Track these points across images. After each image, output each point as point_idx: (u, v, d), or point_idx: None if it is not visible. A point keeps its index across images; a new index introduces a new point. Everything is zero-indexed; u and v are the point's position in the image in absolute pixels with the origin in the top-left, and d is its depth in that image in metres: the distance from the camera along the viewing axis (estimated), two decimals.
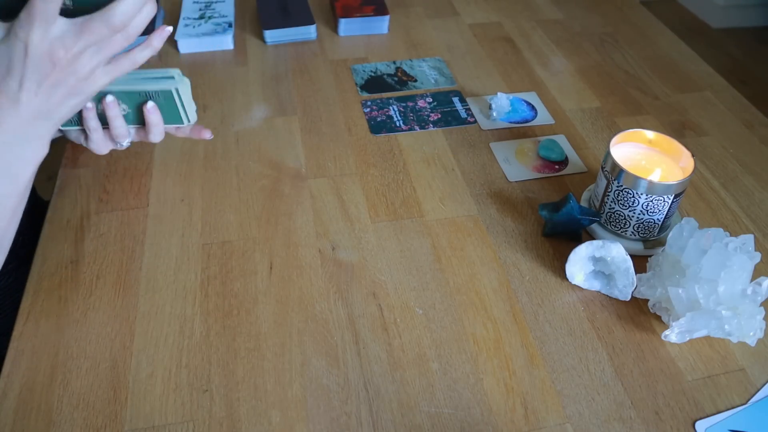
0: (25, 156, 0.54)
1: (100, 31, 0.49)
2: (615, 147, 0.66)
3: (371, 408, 0.53)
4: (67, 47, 0.49)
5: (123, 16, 0.49)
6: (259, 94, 0.88)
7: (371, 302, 0.61)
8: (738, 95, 0.92)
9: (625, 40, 1.05)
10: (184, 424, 0.52)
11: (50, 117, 0.54)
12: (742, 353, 0.58)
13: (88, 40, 0.49)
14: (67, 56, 0.49)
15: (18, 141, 0.53)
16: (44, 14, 0.47)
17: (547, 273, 0.65)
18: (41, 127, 0.54)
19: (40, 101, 0.52)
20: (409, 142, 0.81)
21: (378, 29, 1.03)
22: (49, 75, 0.50)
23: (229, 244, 0.66)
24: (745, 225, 0.71)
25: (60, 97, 0.52)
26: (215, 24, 1.00)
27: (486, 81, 0.93)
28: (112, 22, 0.49)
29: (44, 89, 0.51)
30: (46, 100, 0.52)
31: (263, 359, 0.56)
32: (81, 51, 0.50)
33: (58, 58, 0.49)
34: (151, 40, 0.55)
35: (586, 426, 0.52)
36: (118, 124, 0.62)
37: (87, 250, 0.65)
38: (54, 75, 0.50)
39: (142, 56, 0.55)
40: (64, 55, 0.49)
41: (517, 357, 0.57)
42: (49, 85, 0.51)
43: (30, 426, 0.51)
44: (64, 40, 0.49)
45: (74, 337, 0.57)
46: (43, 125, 0.54)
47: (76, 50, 0.50)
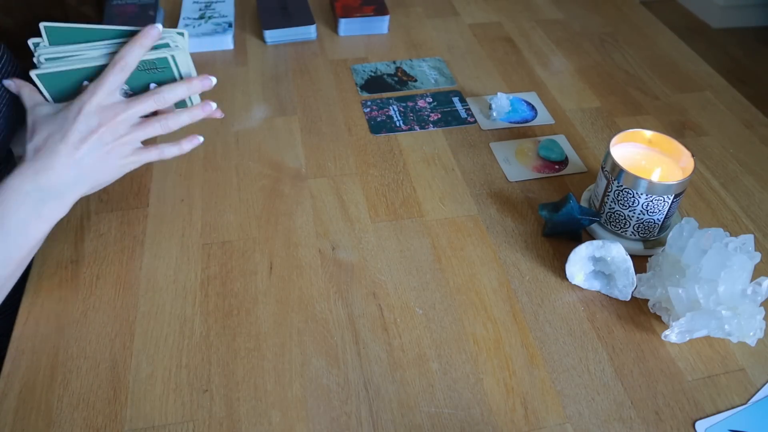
0: (44, 213, 0.54)
1: (148, 104, 0.56)
2: (615, 147, 0.66)
3: (371, 408, 0.53)
4: (117, 111, 0.55)
5: (169, 95, 0.56)
6: (259, 94, 0.88)
7: (371, 302, 0.61)
8: (738, 95, 0.92)
9: (625, 40, 1.05)
10: (184, 424, 0.52)
11: (79, 180, 0.55)
12: (742, 353, 0.58)
13: (135, 109, 0.55)
14: (114, 119, 0.54)
15: (44, 196, 0.54)
16: (109, 86, 0.54)
17: (547, 273, 0.65)
18: (69, 190, 0.55)
19: (79, 156, 0.54)
20: (409, 142, 0.81)
21: (378, 29, 1.03)
22: (94, 131, 0.54)
23: (229, 244, 0.66)
24: (745, 225, 0.71)
25: (96, 159, 0.55)
26: (215, 24, 1.00)
27: (486, 81, 0.93)
28: (160, 96, 0.56)
29: (86, 144, 0.54)
30: (83, 156, 0.54)
31: (263, 359, 0.56)
32: (127, 118, 0.55)
33: (107, 118, 0.54)
34: (182, 142, 0.60)
35: (586, 426, 0.52)
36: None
37: (87, 250, 0.65)
38: (99, 132, 0.54)
39: (169, 152, 0.60)
40: (112, 117, 0.54)
41: (517, 357, 0.57)
42: (92, 142, 0.54)
43: (30, 426, 0.51)
44: (116, 106, 0.55)
45: (74, 337, 0.57)
46: (71, 188, 0.55)
47: (123, 116, 0.55)
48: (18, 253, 0.54)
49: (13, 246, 0.53)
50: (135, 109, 0.55)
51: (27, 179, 0.53)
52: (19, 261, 0.54)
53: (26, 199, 0.53)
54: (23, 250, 0.54)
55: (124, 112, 0.55)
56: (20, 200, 0.52)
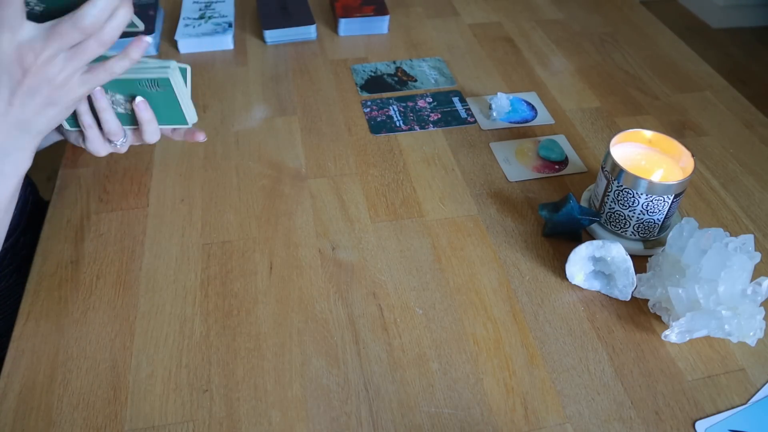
0: (5, 169, 0.52)
1: (71, 35, 0.47)
2: (615, 147, 0.66)
3: (371, 408, 0.53)
4: (36, 52, 0.47)
5: (93, 18, 0.47)
6: (259, 94, 0.88)
7: (371, 302, 0.61)
8: (738, 95, 0.92)
9: (625, 40, 1.05)
10: (184, 424, 0.52)
11: (28, 129, 0.52)
12: (742, 353, 0.58)
13: (59, 45, 0.47)
14: (37, 61, 0.47)
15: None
16: (8, 19, 0.46)
17: (547, 273, 0.65)
18: (20, 139, 0.52)
19: (16, 111, 0.50)
20: (409, 142, 0.81)
21: (378, 29, 1.03)
22: (21, 82, 0.48)
23: (229, 244, 0.66)
24: (745, 225, 0.71)
25: (37, 107, 0.50)
26: (215, 24, 1.00)
27: (486, 81, 0.93)
28: (82, 24, 0.47)
29: (18, 98, 0.49)
30: (21, 110, 0.50)
31: (263, 359, 0.56)
32: (52, 56, 0.48)
33: (29, 63, 0.47)
34: (129, 50, 0.52)
35: (586, 426, 0.52)
36: (107, 117, 0.59)
37: (87, 250, 0.65)
38: (26, 82, 0.48)
39: (119, 66, 0.52)
40: (33, 60, 0.47)
41: (517, 357, 0.57)
42: (23, 93, 0.49)
43: (30, 426, 0.51)
44: (33, 45, 0.47)
45: (74, 337, 0.57)
46: (22, 137, 0.52)
47: (47, 55, 0.47)
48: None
49: None
50: (59, 43, 0.47)
51: None
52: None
53: None
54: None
55: (46, 49, 0.47)
56: None
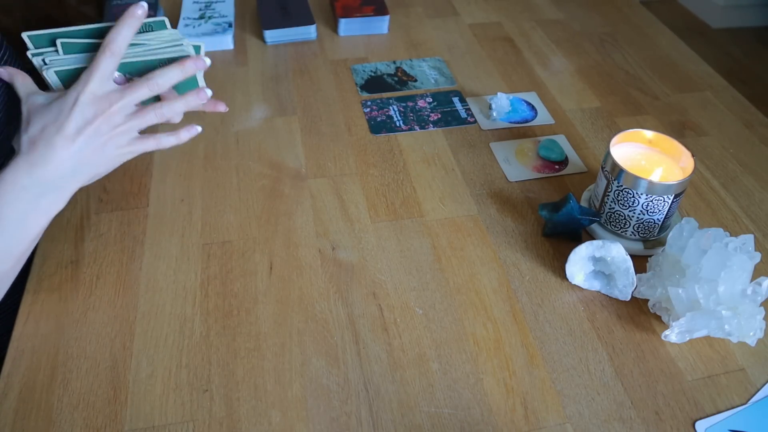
0: (42, 206, 0.54)
1: (142, 91, 0.54)
2: (615, 147, 0.66)
3: (371, 408, 0.53)
4: (112, 100, 0.53)
5: (162, 80, 0.55)
6: (259, 94, 0.88)
7: (371, 302, 0.61)
8: (738, 95, 0.92)
9: (625, 40, 1.05)
10: (184, 424, 0.52)
11: (76, 173, 0.54)
12: (742, 353, 0.58)
13: (130, 98, 0.54)
14: (110, 108, 0.53)
15: (42, 190, 0.53)
16: (101, 74, 0.53)
17: (547, 273, 0.65)
18: (66, 183, 0.54)
19: (76, 148, 0.53)
20: (409, 142, 0.81)
21: (378, 29, 1.03)
22: (90, 122, 0.53)
23: (229, 244, 0.66)
24: (745, 225, 0.71)
25: (92, 151, 0.54)
26: (215, 24, 1.00)
27: (486, 81, 0.93)
28: (153, 81, 0.54)
29: (83, 136, 0.53)
30: (80, 149, 0.53)
31: (263, 359, 0.56)
32: (122, 108, 0.54)
33: (102, 108, 0.53)
34: (180, 133, 0.59)
35: (586, 426, 0.52)
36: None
37: (87, 250, 0.65)
38: (95, 123, 0.53)
39: (166, 142, 0.58)
40: (108, 106, 0.53)
41: (517, 357, 0.57)
42: (88, 133, 0.53)
43: (30, 426, 0.51)
44: (111, 95, 0.54)
45: (74, 337, 0.57)
46: (68, 181, 0.54)
47: (119, 105, 0.54)
48: (17, 248, 0.54)
49: (12, 241, 0.53)
50: (130, 97, 0.54)
51: (23, 173, 0.52)
52: (18, 256, 0.54)
53: (23, 193, 0.52)
54: (22, 244, 0.54)
55: (120, 101, 0.54)
56: (17, 194, 0.52)
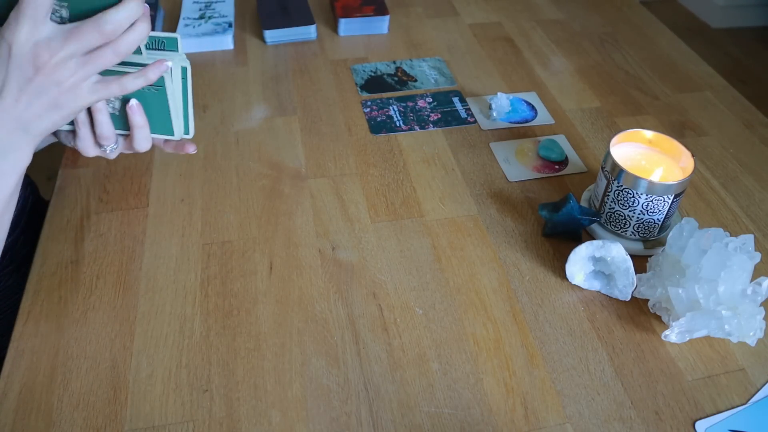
0: (4, 167, 0.51)
1: (90, 37, 0.47)
2: (615, 147, 0.66)
3: (371, 408, 0.53)
4: (53, 50, 0.47)
5: (114, 24, 0.47)
6: (259, 94, 0.88)
7: (371, 302, 0.61)
8: (738, 95, 0.92)
9: (625, 40, 1.05)
10: (184, 424, 0.52)
11: (29, 129, 0.51)
12: (742, 353, 0.58)
13: (76, 46, 0.47)
14: (51, 61, 0.47)
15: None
16: (33, 15, 0.46)
17: (547, 273, 0.65)
18: (20, 138, 0.51)
19: (21, 109, 0.49)
20: (409, 142, 0.81)
21: (378, 29, 1.03)
22: (31, 80, 0.48)
23: (229, 244, 0.66)
24: (745, 225, 0.71)
25: (41, 108, 0.50)
26: (215, 24, 1.00)
27: (486, 81, 0.93)
28: (103, 27, 0.47)
29: (26, 95, 0.48)
30: (26, 108, 0.49)
31: (263, 359, 0.56)
32: (67, 57, 0.48)
33: (42, 61, 0.47)
34: (147, 70, 0.53)
35: (586, 426, 0.52)
36: (101, 119, 0.56)
37: (87, 250, 0.65)
38: (36, 80, 0.48)
39: (133, 84, 0.52)
40: (48, 59, 0.47)
41: (517, 357, 0.57)
42: (31, 92, 0.48)
43: (30, 426, 0.51)
44: (50, 44, 0.47)
45: (74, 337, 0.57)
46: (22, 137, 0.51)
47: (62, 55, 0.47)
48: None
49: None
50: (77, 45, 0.47)
51: None
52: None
53: None
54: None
55: (63, 50, 0.47)
56: None
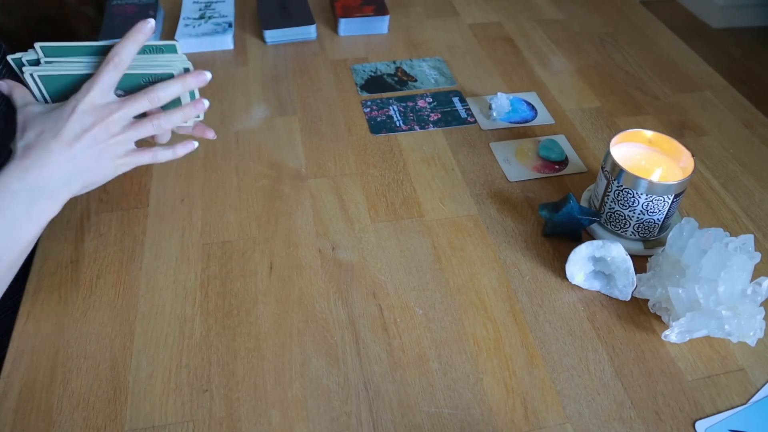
0: (34, 213, 0.53)
1: (141, 102, 0.55)
2: (615, 147, 0.66)
3: (371, 408, 0.53)
4: (111, 110, 0.54)
5: (163, 93, 0.56)
6: (259, 94, 0.88)
7: (371, 302, 0.61)
8: (738, 95, 0.92)
9: (625, 40, 1.05)
10: (184, 424, 0.52)
11: (71, 180, 0.54)
12: (742, 353, 0.58)
13: (129, 110, 0.55)
14: (108, 117, 0.54)
15: (33, 196, 0.52)
16: (104, 83, 0.54)
17: (547, 273, 0.65)
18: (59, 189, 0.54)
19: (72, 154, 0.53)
20: (409, 142, 0.81)
21: (378, 29, 1.03)
22: (88, 130, 0.53)
23: (229, 244, 0.66)
24: (745, 225, 0.71)
25: (88, 158, 0.54)
26: (215, 24, 1.00)
27: (486, 81, 0.93)
28: (151, 95, 0.55)
29: (80, 143, 0.53)
30: (75, 156, 0.53)
31: (263, 359, 0.56)
32: (120, 118, 0.54)
33: (101, 117, 0.54)
34: (176, 146, 0.60)
35: (586, 426, 0.52)
36: None
37: (87, 250, 0.65)
38: (93, 131, 0.53)
39: (163, 156, 0.59)
40: (107, 115, 0.54)
41: (517, 357, 0.57)
42: (86, 140, 0.53)
43: (30, 426, 0.51)
44: (111, 105, 0.54)
45: (74, 337, 0.57)
46: (61, 187, 0.54)
47: (118, 115, 0.54)
48: (8, 256, 0.52)
49: (3, 248, 0.52)
50: (128, 108, 0.55)
51: (15, 178, 0.51)
52: (9, 264, 0.53)
53: (14, 198, 0.51)
54: (13, 252, 0.53)
55: (118, 111, 0.54)
56: (8, 200, 0.51)
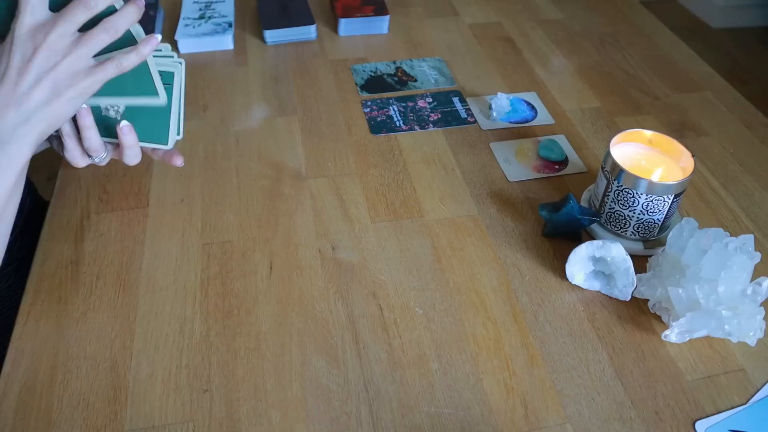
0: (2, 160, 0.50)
1: (77, 12, 0.49)
2: (615, 147, 0.66)
3: (371, 408, 0.53)
4: (47, 29, 0.49)
5: None
6: (259, 94, 0.88)
7: (371, 302, 0.61)
8: (738, 95, 0.92)
9: (625, 40, 1.05)
10: (184, 424, 0.52)
11: (29, 118, 0.51)
12: (742, 353, 0.58)
13: (67, 23, 0.49)
14: (46, 38, 0.49)
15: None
16: (31, 3, 0.49)
17: (547, 273, 0.65)
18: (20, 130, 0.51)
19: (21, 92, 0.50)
20: (409, 142, 0.81)
21: (378, 29, 1.03)
22: (30, 60, 0.49)
23: (229, 244, 0.66)
24: (745, 225, 0.71)
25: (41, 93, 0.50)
26: (215, 24, 1.00)
27: (486, 81, 0.93)
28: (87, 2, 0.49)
29: (25, 77, 0.49)
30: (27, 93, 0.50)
31: (263, 359, 0.56)
32: (60, 35, 0.49)
33: (39, 40, 0.49)
34: (139, 46, 0.53)
35: (586, 426, 0.52)
36: (88, 135, 0.56)
37: (87, 250, 0.65)
38: (34, 60, 0.49)
39: (128, 62, 0.53)
40: (43, 37, 0.49)
41: (517, 357, 0.57)
42: (31, 73, 0.49)
43: (30, 426, 0.51)
44: (45, 24, 0.49)
45: (74, 337, 0.57)
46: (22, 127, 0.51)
47: (56, 33, 0.49)
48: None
49: None
50: (66, 21, 0.49)
51: None
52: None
53: None
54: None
55: (55, 27, 0.49)
56: None
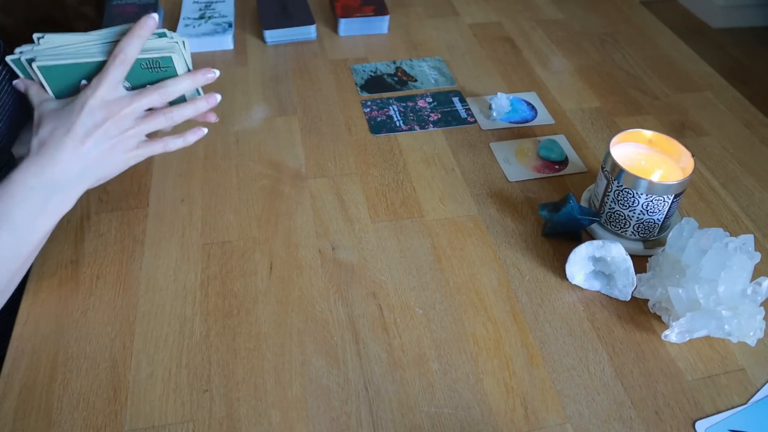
0: (49, 207, 0.54)
1: (152, 97, 0.56)
2: (615, 147, 0.66)
3: (371, 408, 0.53)
4: (123, 105, 0.55)
5: (174, 88, 0.57)
6: (259, 94, 0.88)
7: (371, 302, 0.61)
8: (738, 95, 0.92)
9: (625, 40, 1.05)
10: (184, 424, 0.52)
11: (83, 175, 0.55)
12: (742, 353, 0.58)
13: (140, 103, 0.56)
14: (120, 112, 0.55)
15: (49, 191, 0.54)
16: (112, 78, 0.54)
17: (547, 273, 0.65)
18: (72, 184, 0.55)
19: (84, 150, 0.54)
20: (409, 142, 0.81)
21: (378, 29, 1.03)
22: (100, 125, 0.54)
23: (229, 244, 0.66)
24: (745, 225, 0.71)
25: (100, 153, 0.55)
26: (215, 24, 1.00)
27: (486, 81, 0.93)
28: (162, 90, 0.56)
29: (92, 138, 0.54)
30: (88, 151, 0.54)
31: (263, 359, 0.56)
32: (132, 112, 0.55)
33: (113, 112, 0.54)
34: (186, 134, 0.61)
35: (586, 426, 0.52)
36: None
37: (87, 250, 0.65)
38: (105, 126, 0.54)
39: (173, 144, 0.60)
40: (119, 110, 0.55)
41: (517, 357, 0.57)
42: (98, 136, 0.54)
43: (30, 426, 0.51)
44: (122, 100, 0.55)
45: (74, 337, 0.57)
46: (74, 183, 0.55)
47: (128, 110, 0.55)
48: (25, 249, 0.54)
49: (20, 241, 0.53)
50: (139, 102, 0.56)
51: (31, 174, 0.53)
52: (26, 256, 0.55)
53: (31, 193, 0.53)
54: (30, 245, 0.54)
55: (129, 106, 0.55)
56: (25, 195, 0.53)
